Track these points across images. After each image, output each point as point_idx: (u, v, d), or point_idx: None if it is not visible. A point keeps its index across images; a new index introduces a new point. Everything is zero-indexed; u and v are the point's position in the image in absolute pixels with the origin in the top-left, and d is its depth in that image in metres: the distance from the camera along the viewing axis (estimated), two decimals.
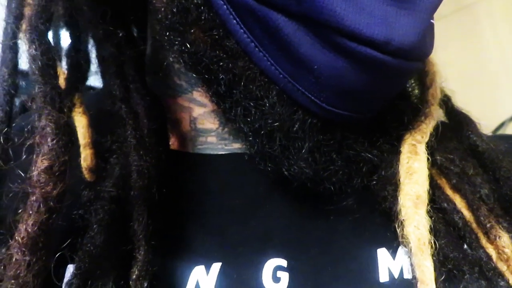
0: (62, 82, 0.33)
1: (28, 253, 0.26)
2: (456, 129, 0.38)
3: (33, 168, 0.27)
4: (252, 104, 0.30)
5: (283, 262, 0.31)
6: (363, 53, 0.26)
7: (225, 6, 0.29)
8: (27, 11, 0.30)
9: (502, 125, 1.03)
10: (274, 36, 0.28)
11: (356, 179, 0.33)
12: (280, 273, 0.30)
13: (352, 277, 0.30)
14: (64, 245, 0.29)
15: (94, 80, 0.39)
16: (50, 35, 0.34)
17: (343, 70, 0.27)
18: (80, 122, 0.33)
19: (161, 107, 0.37)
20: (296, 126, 0.30)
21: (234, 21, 0.29)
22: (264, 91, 0.30)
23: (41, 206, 0.27)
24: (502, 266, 0.30)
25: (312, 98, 0.29)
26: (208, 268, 0.31)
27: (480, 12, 1.12)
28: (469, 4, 1.12)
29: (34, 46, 0.29)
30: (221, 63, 0.30)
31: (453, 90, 0.41)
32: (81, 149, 0.33)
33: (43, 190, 0.27)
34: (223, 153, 0.36)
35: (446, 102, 0.40)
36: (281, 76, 0.29)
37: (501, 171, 0.34)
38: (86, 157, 0.32)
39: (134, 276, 0.28)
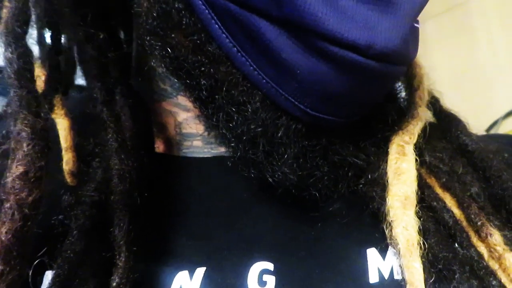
0: (41, 84, 0.33)
1: (1, 262, 0.25)
2: (445, 130, 0.38)
3: (8, 174, 0.27)
4: (234, 109, 0.30)
5: (270, 266, 0.30)
6: (346, 57, 0.26)
7: (207, 11, 0.29)
8: (4, 13, 0.30)
9: (495, 123, 1.03)
10: (256, 41, 0.28)
11: (342, 184, 0.32)
12: (266, 277, 0.30)
13: (341, 278, 0.30)
14: (42, 252, 0.28)
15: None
16: (34, 36, 0.33)
17: (326, 75, 0.27)
18: (62, 124, 0.33)
19: (146, 110, 0.36)
20: (280, 131, 0.30)
21: (216, 25, 0.29)
22: (247, 96, 0.30)
23: (16, 213, 0.26)
24: (494, 265, 0.30)
25: (296, 103, 0.29)
26: (192, 273, 0.30)
27: (472, 10, 1.12)
28: (461, 3, 1.13)
29: (10, 49, 0.29)
30: (203, 68, 0.30)
31: (444, 90, 0.41)
32: (63, 152, 0.32)
33: (17, 197, 0.26)
34: (209, 156, 0.35)
35: (434, 104, 0.40)
36: (264, 81, 0.29)
37: (491, 170, 0.34)
38: (68, 160, 0.32)
39: (115, 284, 0.27)
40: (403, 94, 0.39)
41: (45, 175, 0.28)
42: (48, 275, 0.28)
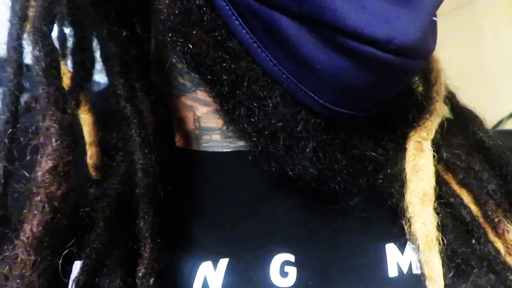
0: (67, 81, 0.33)
1: (33, 253, 0.26)
2: (461, 126, 0.38)
3: (38, 168, 0.27)
4: (255, 104, 0.30)
5: (291, 257, 0.31)
6: (365, 52, 0.26)
7: (227, 7, 0.29)
8: (31, 12, 0.30)
9: (500, 122, 1.03)
10: (277, 36, 0.28)
11: (361, 178, 0.33)
12: (287, 268, 0.30)
13: (360, 271, 0.30)
14: (71, 242, 0.29)
15: (100, 78, 0.39)
16: (55, 33, 0.34)
17: (346, 70, 0.27)
18: (86, 120, 0.33)
19: (166, 105, 0.37)
20: (300, 126, 0.30)
21: (237, 22, 0.29)
22: (267, 92, 0.30)
23: (46, 206, 0.27)
24: (511, 260, 0.30)
25: (315, 97, 0.29)
26: (215, 263, 0.31)
27: (480, 10, 1.12)
28: (469, 1, 1.12)
29: (37, 48, 0.29)
30: (224, 64, 0.30)
31: (456, 87, 0.41)
32: (87, 147, 0.33)
33: (47, 190, 0.27)
34: (228, 150, 0.36)
35: (451, 99, 0.40)
36: (284, 76, 0.29)
37: (508, 167, 0.34)
38: (92, 155, 0.33)
39: (141, 274, 0.28)
40: (420, 89, 0.39)
41: (72, 169, 0.28)
42: (77, 265, 0.29)
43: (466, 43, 1.12)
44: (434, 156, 0.33)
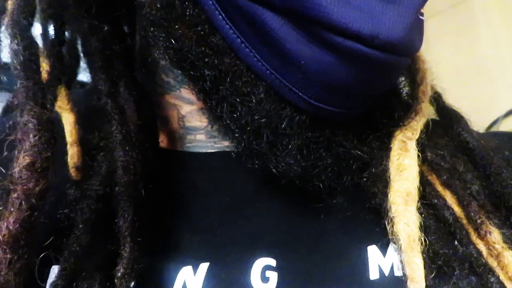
0: (46, 76, 0.33)
1: (9, 251, 0.26)
2: (446, 126, 0.38)
3: (15, 164, 0.27)
4: (238, 100, 0.30)
5: (272, 262, 0.30)
6: (350, 47, 0.26)
7: (210, 2, 0.29)
8: (10, 5, 0.30)
9: (495, 122, 1.03)
10: (260, 31, 0.28)
11: (345, 177, 0.33)
12: (269, 273, 0.30)
13: (342, 275, 0.30)
14: (48, 244, 0.29)
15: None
16: (38, 28, 0.33)
17: (330, 65, 0.27)
18: (68, 119, 0.33)
19: (150, 103, 0.37)
20: (284, 122, 0.30)
21: (220, 16, 0.29)
22: (251, 87, 0.30)
23: (23, 203, 0.26)
24: (493, 262, 0.30)
25: (300, 94, 0.29)
26: (195, 268, 0.30)
27: (475, 8, 1.12)
28: (463, 0, 1.12)
29: (16, 41, 0.29)
30: (207, 60, 0.30)
31: (445, 87, 0.41)
32: (68, 146, 0.32)
33: (24, 187, 0.26)
34: (212, 151, 0.35)
35: (437, 99, 0.40)
36: (268, 72, 0.29)
37: (491, 168, 0.34)
38: (73, 155, 0.32)
39: (119, 274, 0.27)
40: (406, 89, 0.39)
41: (51, 165, 0.28)
42: (55, 269, 0.29)
43: (461, 42, 1.12)
44: (418, 156, 0.33)
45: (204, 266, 0.30)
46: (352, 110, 0.31)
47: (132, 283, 0.28)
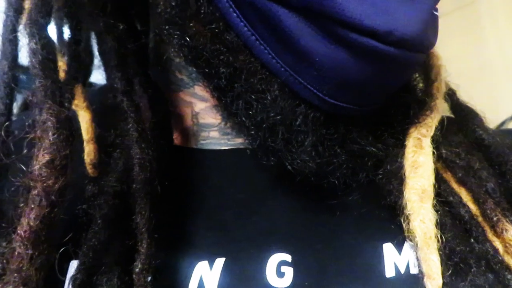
0: (63, 74, 0.33)
1: (30, 246, 0.26)
2: (461, 123, 0.38)
3: (35, 162, 0.27)
4: (253, 97, 0.30)
5: (287, 257, 0.31)
6: (365, 44, 0.26)
7: (225, 0, 0.29)
8: (27, 4, 0.30)
9: (502, 124, 1.03)
10: (275, 28, 0.28)
11: (360, 174, 0.32)
12: (284, 268, 0.30)
13: (357, 272, 0.30)
14: (67, 239, 0.29)
15: (98, 75, 0.38)
16: (53, 27, 0.34)
17: (345, 62, 0.27)
18: (84, 117, 0.33)
19: (164, 101, 0.37)
20: (299, 119, 0.30)
21: (234, 14, 0.29)
22: (266, 85, 0.30)
23: (43, 200, 0.27)
24: (509, 260, 0.30)
25: (315, 91, 0.29)
26: (211, 263, 0.30)
27: (481, 10, 1.11)
28: (470, 2, 1.12)
29: (34, 40, 0.29)
30: (222, 57, 0.30)
31: (458, 88, 0.40)
32: (85, 144, 0.32)
33: (44, 184, 0.27)
34: (226, 148, 0.36)
35: (451, 96, 0.40)
36: (282, 69, 0.29)
37: (507, 165, 0.34)
38: (89, 152, 0.32)
39: (138, 270, 0.28)
40: (420, 85, 0.39)
41: (70, 163, 0.28)
42: (74, 264, 0.29)
43: (467, 44, 1.12)
44: (433, 153, 0.33)
45: (220, 261, 0.30)
46: (366, 107, 0.31)
47: (149, 278, 0.28)
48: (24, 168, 0.28)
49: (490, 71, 1.08)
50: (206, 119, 0.36)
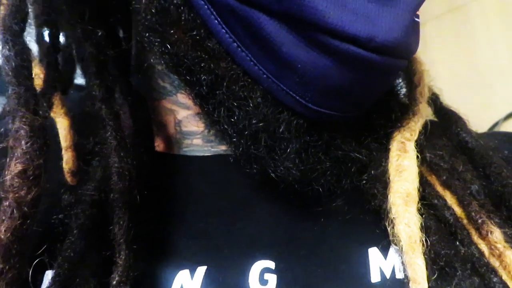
0: (40, 82, 0.32)
1: (1, 260, 0.25)
2: (445, 127, 0.38)
3: (6, 172, 0.26)
4: (235, 104, 0.30)
5: (271, 264, 0.30)
6: (346, 50, 0.26)
7: (206, 6, 0.29)
8: (1, 10, 0.30)
9: (495, 125, 1.03)
10: (256, 35, 0.28)
11: (345, 180, 0.32)
12: (267, 275, 0.30)
13: (343, 278, 0.29)
14: (42, 250, 0.28)
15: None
16: (32, 33, 0.33)
17: (327, 69, 0.27)
18: (62, 124, 0.33)
19: (146, 108, 0.36)
20: (282, 126, 0.30)
21: (216, 21, 0.29)
22: (248, 92, 0.29)
23: (15, 211, 0.26)
24: (495, 262, 0.30)
25: (297, 98, 0.29)
26: (192, 272, 0.30)
27: (472, 12, 1.12)
28: (461, 5, 1.12)
29: (7, 47, 0.28)
30: (203, 64, 0.30)
31: (443, 89, 0.40)
32: (63, 151, 0.32)
33: (16, 195, 0.26)
34: (209, 154, 0.35)
35: (435, 100, 0.40)
36: (264, 76, 0.29)
37: (491, 167, 0.34)
38: (67, 159, 0.32)
39: (115, 282, 0.27)
40: (403, 90, 0.39)
41: (43, 173, 0.27)
42: (49, 275, 0.28)
43: (459, 45, 1.12)
44: (417, 157, 0.33)
45: (201, 270, 0.30)
46: (349, 113, 0.31)
47: None
48: None
49: (482, 73, 1.09)
50: (189, 127, 0.35)
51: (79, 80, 0.40)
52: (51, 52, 0.34)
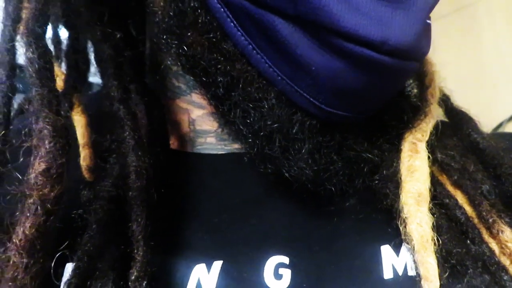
0: (60, 83, 0.33)
1: (25, 255, 0.26)
2: (456, 127, 0.38)
3: (31, 170, 0.27)
4: (251, 105, 0.30)
5: (285, 259, 0.31)
6: (360, 53, 0.26)
7: (222, 9, 0.29)
8: (24, 14, 0.30)
9: (500, 125, 1.03)
10: (272, 38, 0.28)
11: (357, 180, 0.33)
12: (282, 270, 0.30)
13: (355, 273, 0.30)
14: (64, 245, 0.29)
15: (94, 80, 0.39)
16: (49, 35, 0.34)
17: (341, 71, 0.28)
18: (79, 122, 0.33)
19: (161, 108, 0.37)
20: (296, 127, 0.30)
21: (232, 24, 0.29)
22: (263, 93, 0.30)
23: (39, 208, 0.27)
24: (505, 261, 0.30)
25: (311, 99, 0.29)
26: (209, 266, 0.30)
27: (479, 12, 1.12)
28: (468, 4, 1.12)
29: (31, 49, 0.29)
30: (219, 66, 0.30)
31: (452, 90, 0.41)
32: (80, 148, 0.33)
33: (40, 193, 0.27)
34: (223, 152, 0.36)
35: (445, 101, 0.40)
36: (279, 78, 0.29)
37: (502, 168, 0.34)
38: (85, 156, 0.32)
39: (133, 277, 0.28)
40: (414, 91, 0.39)
41: (66, 171, 0.28)
42: (69, 268, 0.29)
43: (465, 45, 1.12)
44: (429, 157, 0.33)
45: (217, 264, 0.30)
46: (362, 114, 0.31)
47: (145, 284, 0.28)
48: (20, 177, 0.28)
49: (488, 73, 1.09)
50: (203, 126, 0.36)
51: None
52: (71, 54, 0.35)
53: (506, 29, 1.09)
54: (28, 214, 0.27)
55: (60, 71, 0.34)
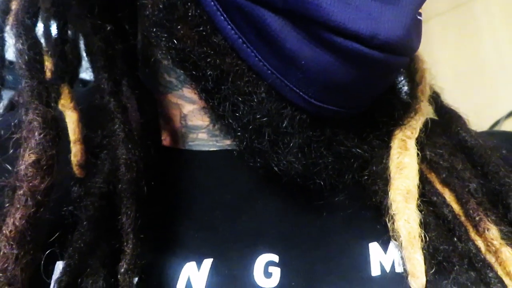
0: (49, 75, 0.33)
1: (16, 246, 0.26)
2: (445, 125, 0.39)
3: (21, 162, 0.27)
4: (240, 99, 0.30)
5: (275, 258, 0.31)
6: (349, 47, 0.27)
7: (212, 3, 0.29)
8: (14, 5, 0.30)
9: (497, 123, 1.03)
10: (261, 32, 0.28)
11: (347, 175, 0.33)
12: (271, 268, 0.30)
13: (344, 271, 0.30)
14: (53, 241, 0.29)
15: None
16: (40, 26, 0.34)
17: (330, 65, 0.28)
18: (71, 117, 0.33)
19: (153, 102, 0.37)
20: (285, 121, 0.30)
21: (222, 17, 0.29)
22: (253, 87, 0.30)
23: (29, 199, 0.27)
24: (491, 258, 0.30)
25: (300, 93, 0.29)
26: (199, 264, 0.31)
27: (477, 10, 1.12)
28: (466, 2, 1.12)
29: (20, 41, 0.29)
30: (209, 59, 0.30)
31: (447, 89, 0.41)
32: (71, 144, 0.32)
33: (30, 184, 0.27)
34: (215, 149, 0.36)
35: (436, 99, 0.40)
36: (269, 72, 0.29)
37: (489, 166, 0.34)
38: (76, 152, 0.32)
39: (123, 270, 0.28)
40: (405, 88, 0.40)
41: (56, 163, 0.28)
42: (59, 265, 0.29)
43: (463, 43, 1.12)
44: (418, 155, 0.33)
45: (207, 262, 0.31)
46: (352, 109, 0.31)
47: (136, 279, 0.28)
48: (10, 168, 0.28)
49: (486, 70, 1.09)
50: (195, 121, 0.36)
51: (83, 75, 0.40)
52: (59, 44, 0.34)
53: (504, 27, 1.09)
54: (18, 206, 0.27)
55: (50, 64, 0.34)
